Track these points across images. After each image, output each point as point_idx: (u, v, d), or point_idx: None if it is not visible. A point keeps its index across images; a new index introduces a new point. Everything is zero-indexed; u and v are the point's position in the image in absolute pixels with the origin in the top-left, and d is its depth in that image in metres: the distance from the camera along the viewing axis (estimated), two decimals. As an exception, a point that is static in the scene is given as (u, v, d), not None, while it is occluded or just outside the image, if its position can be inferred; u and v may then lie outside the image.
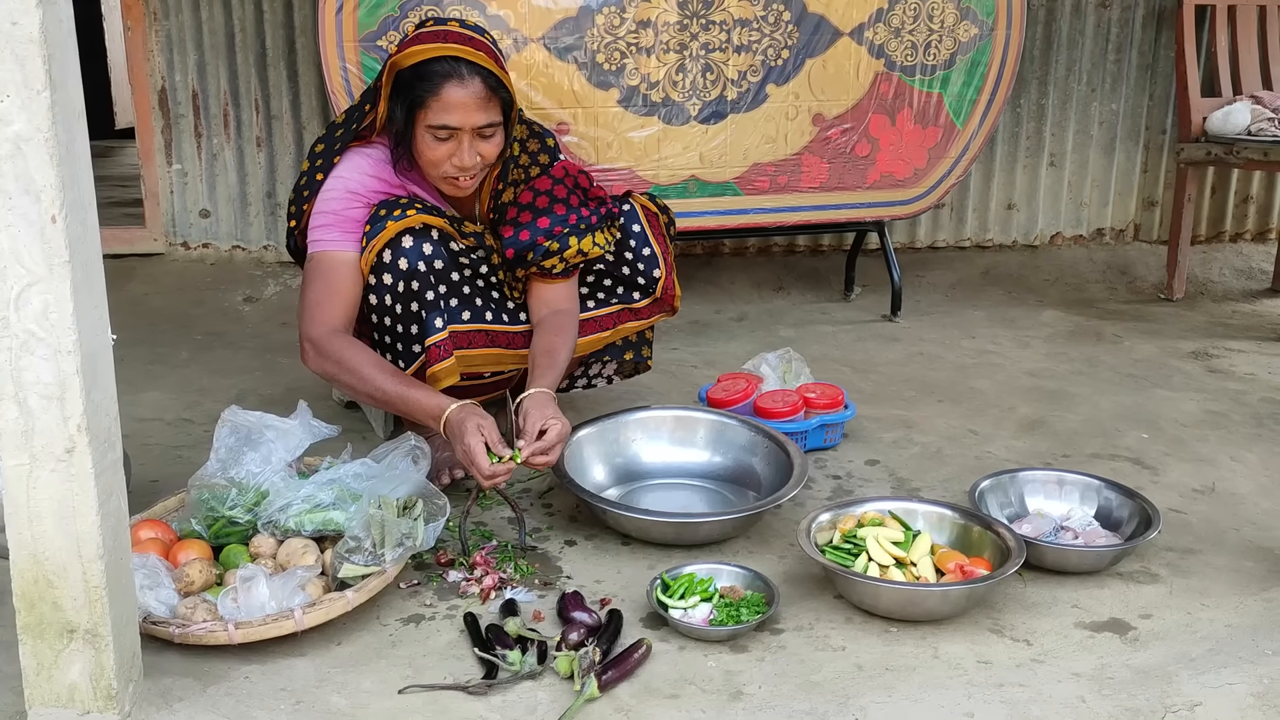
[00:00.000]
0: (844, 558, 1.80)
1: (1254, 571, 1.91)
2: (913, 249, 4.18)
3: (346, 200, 2.07)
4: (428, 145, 2.02)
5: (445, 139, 2.00)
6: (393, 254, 2.04)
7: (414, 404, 1.96)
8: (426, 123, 1.99)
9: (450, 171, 2.04)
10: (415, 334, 2.08)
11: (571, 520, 2.10)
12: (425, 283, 2.06)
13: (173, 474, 2.22)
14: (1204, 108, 3.83)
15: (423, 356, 2.08)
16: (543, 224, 2.13)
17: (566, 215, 2.15)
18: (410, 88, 1.98)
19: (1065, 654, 1.65)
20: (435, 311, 2.07)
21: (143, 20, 3.64)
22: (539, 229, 2.13)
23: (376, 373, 1.99)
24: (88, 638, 1.37)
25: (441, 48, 1.96)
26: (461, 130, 1.99)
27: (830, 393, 2.47)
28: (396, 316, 2.08)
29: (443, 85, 1.96)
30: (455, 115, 1.97)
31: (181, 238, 3.84)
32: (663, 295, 2.34)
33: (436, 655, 1.64)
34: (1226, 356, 3.23)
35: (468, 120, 1.98)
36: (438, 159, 2.02)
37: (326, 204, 2.08)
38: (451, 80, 1.96)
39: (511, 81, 2.06)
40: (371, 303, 2.09)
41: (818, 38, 3.26)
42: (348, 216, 2.07)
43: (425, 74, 1.97)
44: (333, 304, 2.05)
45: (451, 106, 1.96)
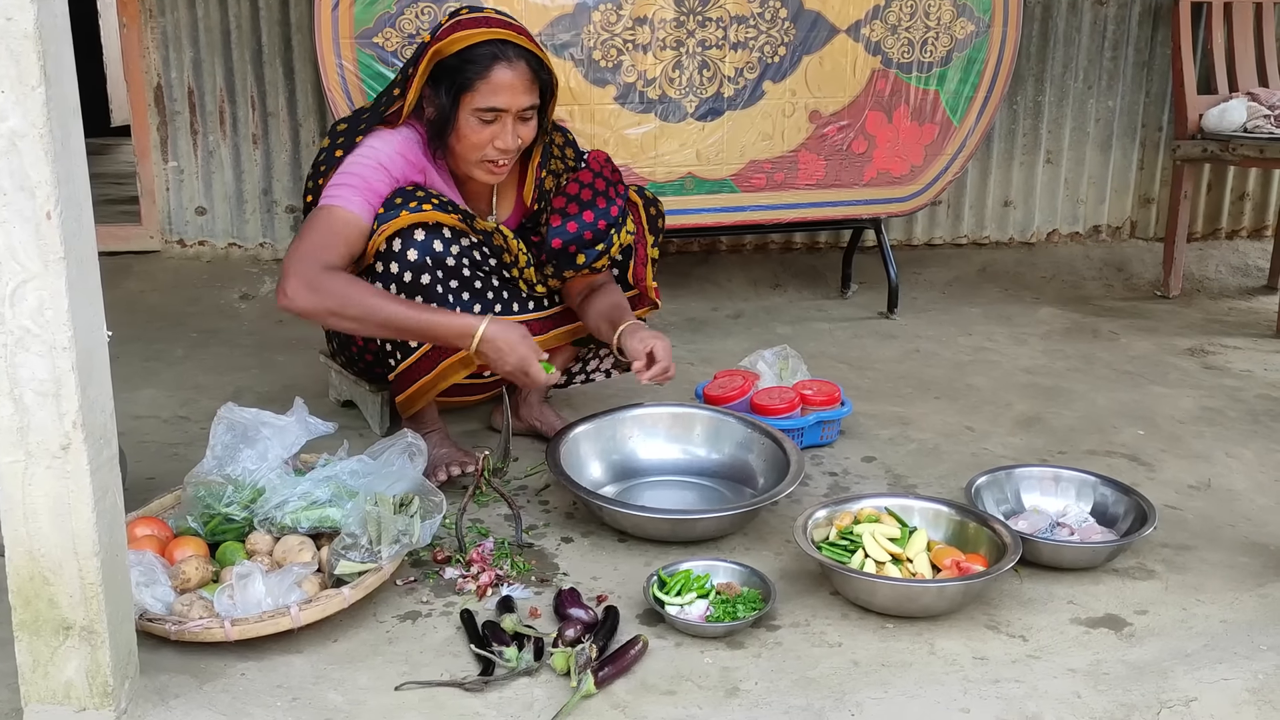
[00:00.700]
0: (840, 554, 1.81)
1: (1249, 567, 1.91)
2: (909, 246, 4.18)
3: (375, 170, 2.04)
4: (472, 129, 2.03)
5: (490, 122, 2.02)
6: (403, 244, 2.03)
7: (440, 326, 1.92)
8: (474, 106, 2.01)
9: (491, 154, 2.06)
10: (397, 341, 2.08)
11: (568, 517, 2.11)
12: (434, 277, 2.06)
13: (169, 471, 2.22)
14: (1200, 105, 3.83)
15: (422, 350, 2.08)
16: (588, 217, 2.16)
17: (607, 208, 2.18)
18: (457, 71, 2.00)
19: (1061, 649, 1.65)
20: (444, 306, 2.07)
21: (138, 17, 3.64)
22: (585, 222, 2.15)
23: (386, 300, 1.94)
24: (84, 635, 1.37)
25: (487, 32, 2.00)
26: (507, 112, 2.02)
27: (827, 390, 2.47)
28: None
29: (491, 67, 1.99)
30: (503, 97, 2.00)
31: (177, 235, 3.84)
32: (638, 286, 2.34)
33: (433, 652, 1.64)
34: (1222, 353, 3.23)
35: (515, 102, 2.01)
36: (481, 142, 2.04)
37: (355, 168, 2.04)
38: (500, 62, 1.99)
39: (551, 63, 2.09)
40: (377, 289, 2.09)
41: (814, 35, 3.26)
42: (371, 185, 2.03)
43: (473, 57, 1.99)
44: (334, 251, 1.96)
45: (500, 88, 1.99)
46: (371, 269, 2.09)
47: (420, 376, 2.10)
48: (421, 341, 2.04)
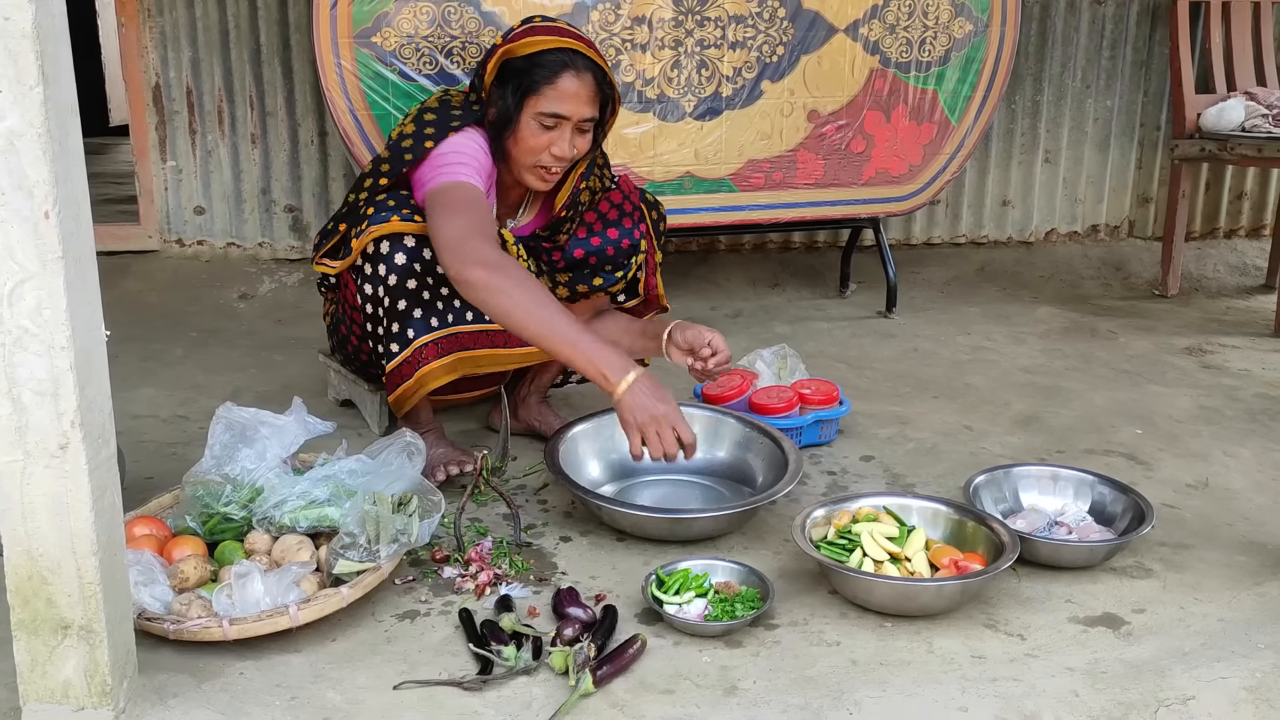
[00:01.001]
0: (839, 553, 1.81)
1: (1247, 566, 1.92)
2: (908, 245, 4.19)
3: (481, 155, 2.07)
4: (531, 132, 2.05)
5: (550, 128, 2.04)
6: (391, 247, 2.04)
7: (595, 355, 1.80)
8: (537, 109, 2.03)
9: (546, 160, 2.07)
10: (396, 332, 2.09)
11: (567, 516, 2.11)
12: (421, 283, 2.06)
13: (167, 471, 2.22)
14: (1198, 104, 3.83)
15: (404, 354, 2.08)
16: (612, 234, 2.23)
17: (631, 229, 2.25)
18: (525, 74, 2.03)
19: (1059, 648, 1.65)
20: (429, 312, 2.07)
21: (136, 17, 3.63)
22: (609, 239, 2.23)
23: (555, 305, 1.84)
24: (82, 634, 1.37)
25: (560, 40, 2.03)
26: (568, 121, 2.04)
27: (825, 389, 2.47)
28: (385, 309, 2.09)
29: (560, 74, 2.02)
30: (567, 104, 2.03)
31: (176, 235, 3.83)
32: (648, 296, 2.38)
33: (431, 651, 1.64)
34: (1220, 352, 3.23)
35: (577, 111, 2.04)
36: (537, 147, 2.06)
37: (471, 150, 2.05)
38: (568, 70, 2.02)
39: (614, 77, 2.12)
40: (366, 291, 2.11)
41: (813, 34, 3.26)
42: (482, 171, 2.05)
43: (542, 62, 2.02)
44: (488, 225, 1.94)
45: (565, 96, 2.02)
46: (358, 268, 2.10)
47: (404, 380, 2.10)
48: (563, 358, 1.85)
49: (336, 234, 2.22)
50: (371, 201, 2.10)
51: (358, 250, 2.08)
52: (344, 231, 2.19)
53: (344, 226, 2.19)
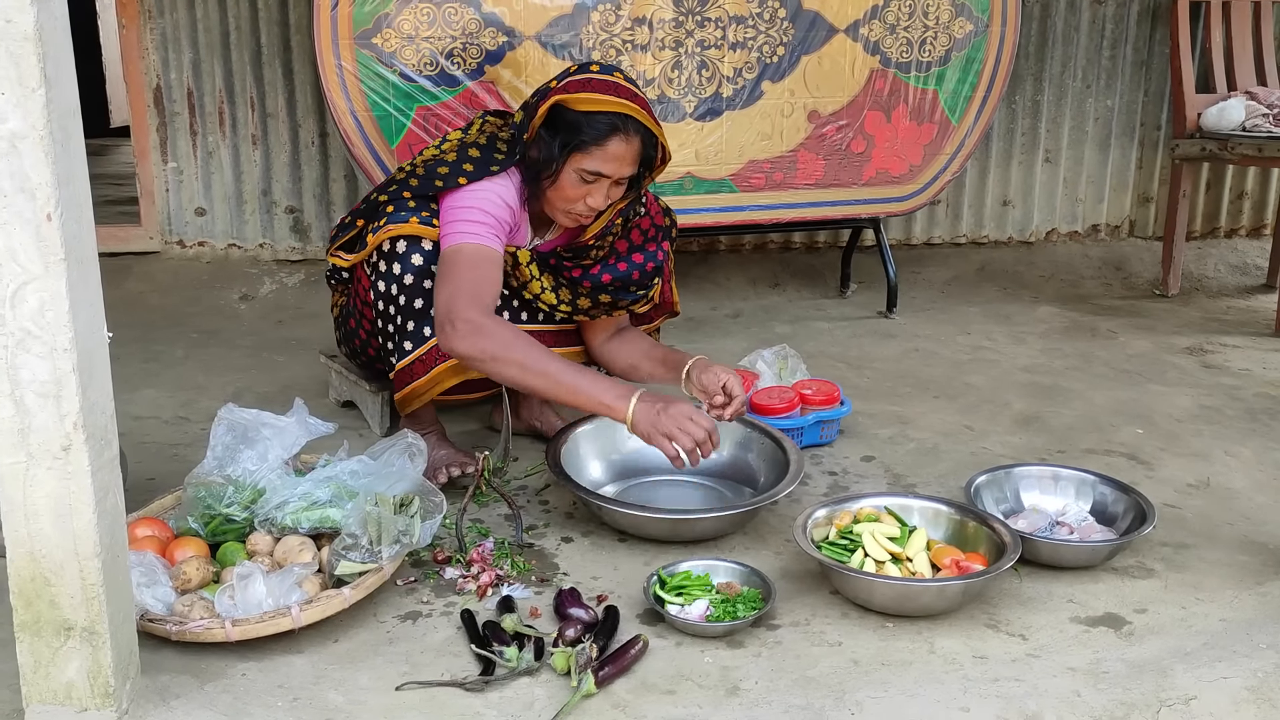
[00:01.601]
0: (840, 553, 1.81)
1: (1248, 566, 1.92)
2: (908, 245, 4.19)
3: (503, 211, 2.10)
4: (571, 184, 2.07)
5: (590, 182, 2.07)
6: (408, 247, 2.07)
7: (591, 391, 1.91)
8: (581, 166, 2.05)
9: (580, 210, 2.10)
10: (411, 330, 2.09)
11: (568, 517, 2.11)
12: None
13: (169, 472, 2.23)
14: (1199, 104, 3.83)
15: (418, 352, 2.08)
16: (637, 259, 2.25)
17: (655, 251, 2.28)
18: (576, 130, 2.03)
19: (1060, 648, 1.66)
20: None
21: (137, 18, 3.64)
22: (634, 263, 2.25)
23: (545, 356, 1.94)
24: (85, 635, 1.37)
25: (616, 103, 2.03)
26: (609, 179, 2.06)
27: (826, 389, 2.47)
28: (399, 308, 2.09)
29: (610, 138, 2.03)
30: (610, 166, 2.05)
31: (177, 236, 3.84)
32: (662, 302, 2.41)
33: (433, 652, 1.64)
34: (1221, 352, 3.23)
35: (619, 171, 2.07)
36: (574, 197, 2.09)
37: (492, 206, 2.07)
38: (619, 134, 2.03)
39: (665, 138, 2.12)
40: (379, 289, 2.12)
41: (813, 34, 3.26)
42: (500, 224, 2.09)
43: (595, 123, 2.03)
44: (488, 290, 2.01)
45: (611, 158, 2.04)
46: (374, 264, 2.12)
47: (415, 379, 2.11)
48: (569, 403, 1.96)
49: (354, 228, 2.23)
50: (393, 201, 2.12)
51: (373, 245, 2.11)
52: (361, 227, 2.21)
53: (361, 222, 2.21)
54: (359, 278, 2.24)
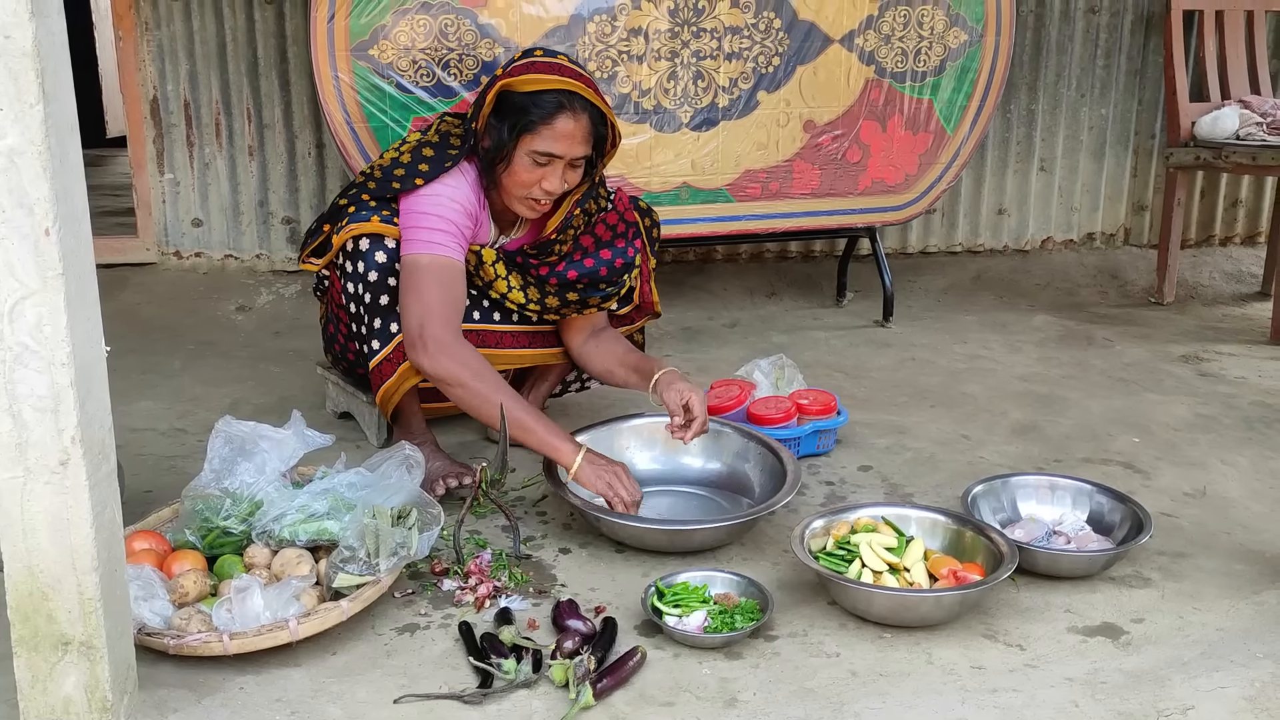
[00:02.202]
0: (837, 564, 1.81)
1: (1245, 575, 1.92)
2: (904, 254, 4.20)
3: (466, 216, 2.12)
4: (524, 167, 2.07)
5: (544, 164, 2.07)
6: (371, 245, 2.10)
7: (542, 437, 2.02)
8: (531, 147, 2.05)
9: (536, 194, 2.10)
10: (379, 328, 2.12)
11: (566, 528, 2.11)
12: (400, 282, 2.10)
13: (167, 484, 2.23)
14: (1192, 112, 3.85)
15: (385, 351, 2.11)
16: (605, 255, 2.25)
17: (625, 248, 2.26)
18: (523, 111, 2.04)
19: (1058, 658, 1.66)
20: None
21: (134, 30, 3.64)
22: (601, 259, 2.24)
23: (508, 396, 2.02)
24: (82, 650, 1.37)
25: (559, 80, 2.04)
26: (561, 159, 2.06)
27: (823, 399, 2.47)
28: (366, 306, 2.13)
29: (556, 115, 2.03)
30: (561, 145, 2.05)
31: (174, 247, 3.84)
32: (641, 302, 2.41)
33: (431, 664, 1.64)
34: (1217, 360, 3.24)
35: (570, 150, 2.06)
36: (529, 181, 2.09)
37: (448, 212, 2.10)
38: (565, 112, 2.04)
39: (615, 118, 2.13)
40: (349, 290, 2.15)
41: (808, 45, 3.28)
42: (463, 232, 2.12)
43: (540, 102, 2.03)
44: (455, 309, 2.07)
45: (560, 136, 2.04)
46: (339, 265, 2.16)
47: (385, 379, 2.14)
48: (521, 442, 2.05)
49: (320, 233, 2.27)
50: (353, 202, 2.15)
51: (337, 245, 2.15)
52: (327, 231, 2.24)
53: (327, 226, 2.25)
54: (331, 282, 2.28)
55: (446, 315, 2.04)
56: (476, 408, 2.04)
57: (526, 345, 2.31)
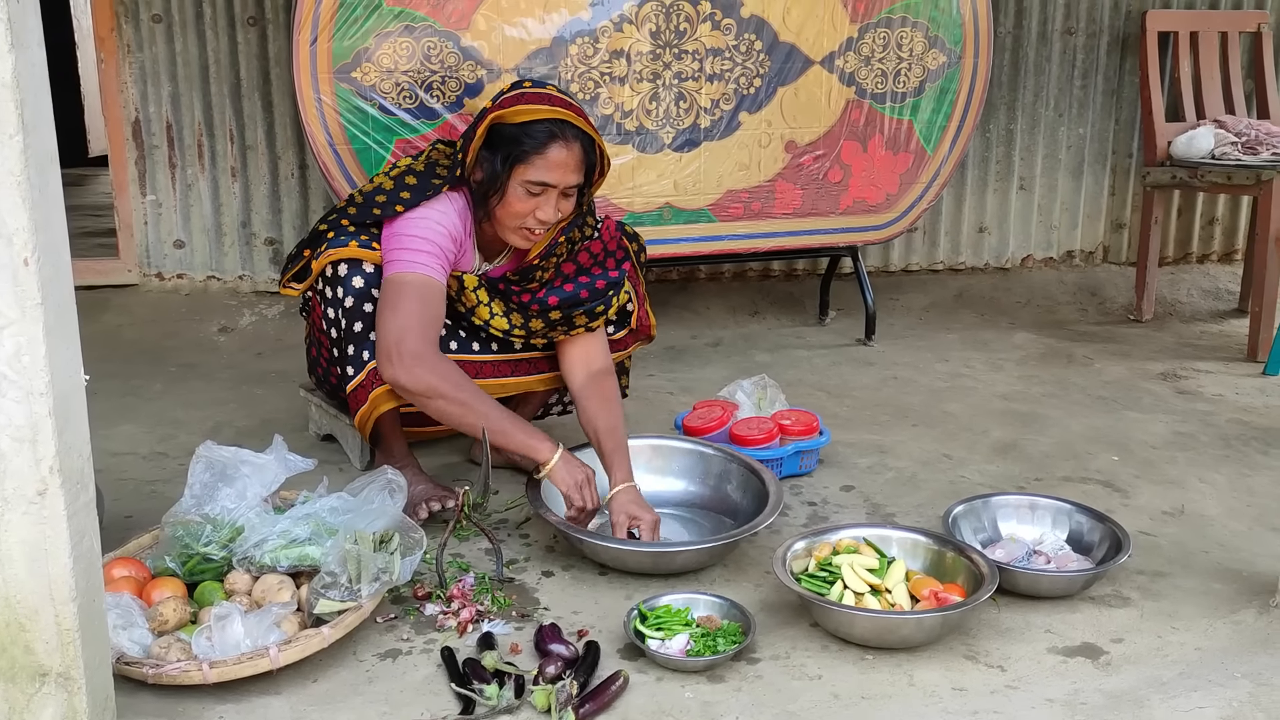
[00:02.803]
0: (819, 586, 1.82)
1: (1222, 594, 1.94)
2: (886, 272, 4.22)
3: (451, 240, 2.12)
4: (518, 198, 2.07)
5: (537, 194, 2.07)
6: (349, 270, 2.11)
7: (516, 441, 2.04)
8: (525, 177, 2.06)
9: (530, 224, 2.11)
10: (352, 354, 2.13)
11: (549, 551, 2.11)
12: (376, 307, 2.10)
13: (147, 509, 2.21)
14: (1168, 132, 3.90)
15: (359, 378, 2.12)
16: (583, 280, 2.25)
17: (606, 273, 2.27)
18: (515, 142, 2.05)
19: (1039, 680, 1.67)
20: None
21: (116, 52, 3.64)
22: (580, 284, 2.24)
23: (483, 400, 2.04)
24: (60, 681, 1.36)
25: (550, 110, 2.05)
26: (555, 188, 2.07)
27: (805, 419, 2.48)
28: (341, 331, 2.14)
29: (549, 144, 2.04)
30: (554, 174, 2.05)
31: (156, 268, 3.83)
32: (638, 327, 2.40)
33: (413, 691, 1.63)
34: (1194, 377, 3.27)
35: (564, 180, 2.07)
36: (523, 211, 2.09)
37: (433, 234, 2.10)
38: (558, 140, 2.05)
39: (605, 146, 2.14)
40: (329, 315, 2.16)
41: (789, 66, 3.30)
42: (446, 254, 2.12)
43: (532, 132, 2.04)
44: (434, 325, 2.07)
45: (553, 166, 2.05)
46: (319, 290, 2.17)
47: (360, 404, 2.14)
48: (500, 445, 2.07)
49: (300, 259, 2.27)
50: (333, 228, 2.16)
51: (316, 271, 2.15)
52: (307, 256, 2.24)
53: (307, 252, 2.25)
54: (313, 307, 2.29)
55: (424, 330, 2.03)
56: (457, 417, 2.03)
57: (509, 374, 2.30)
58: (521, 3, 3.03)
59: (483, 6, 3.00)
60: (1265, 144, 3.67)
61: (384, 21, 2.91)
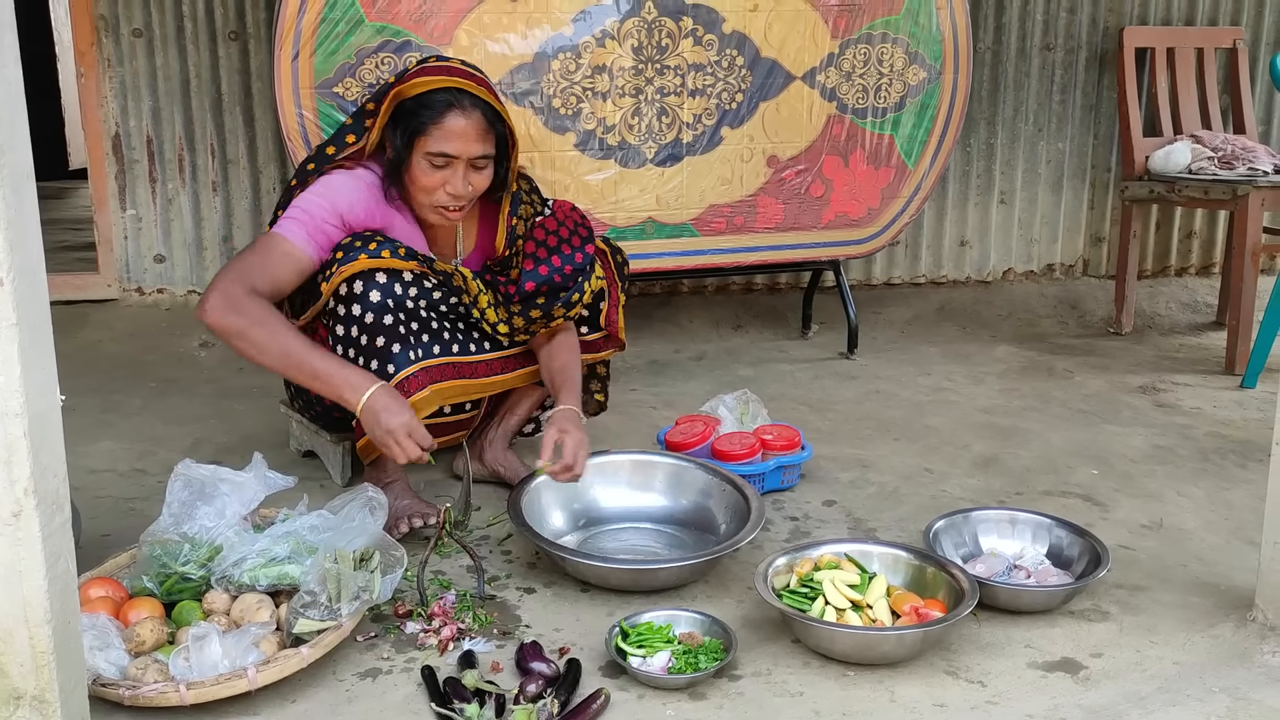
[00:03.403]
0: (801, 602, 1.82)
1: (1201, 607, 1.95)
2: (869, 286, 4.24)
3: (329, 213, 2.09)
4: (423, 172, 2.06)
5: (441, 167, 2.05)
6: (364, 286, 2.06)
7: (333, 372, 1.94)
8: (426, 150, 2.04)
9: (442, 199, 2.08)
10: (375, 368, 2.09)
11: (530, 567, 2.10)
12: (396, 319, 2.08)
13: (125, 527, 2.19)
14: (1146, 147, 3.94)
15: None
16: (555, 261, 2.22)
17: (572, 254, 2.23)
18: (413, 115, 2.04)
19: (1019, 695, 1.67)
20: (406, 346, 2.09)
21: (96, 67, 3.63)
22: (553, 266, 2.21)
23: (291, 333, 1.96)
24: (34, 704, 1.34)
25: (447, 79, 2.04)
26: (458, 159, 2.05)
27: (787, 434, 2.49)
28: (361, 348, 2.09)
29: (445, 114, 2.02)
30: (455, 143, 2.03)
31: (135, 283, 3.80)
32: (608, 328, 2.39)
33: (393, 711, 1.62)
34: (1173, 390, 3.30)
35: (466, 149, 2.04)
36: (431, 186, 2.07)
37: (309, 204, 2.08)
38: (454, 109, 2.03)
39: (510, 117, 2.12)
40: (338, 333, 2.10)
41: (771, 81, 3.32)
42: (321, 226, 2.08)
43: (429, 102, 2.03)
44: (264, 277, 2.01)
45: (452, 134, 2.03)
46: (332, 311, 2.10)
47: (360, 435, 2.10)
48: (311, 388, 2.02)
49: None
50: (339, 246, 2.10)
51: (329, 292, 2.08)
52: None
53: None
54: (315, 329, 2.21)
55: (244, 275, 1.97)
56: (256, 358, 1.95)
57: (500, 371, 2.29)
58: (504, 18, 3.04)
59: (465, 22, 3.00)
60: (1241, 159, 3.71)
61: (366, 36, 2.91)
